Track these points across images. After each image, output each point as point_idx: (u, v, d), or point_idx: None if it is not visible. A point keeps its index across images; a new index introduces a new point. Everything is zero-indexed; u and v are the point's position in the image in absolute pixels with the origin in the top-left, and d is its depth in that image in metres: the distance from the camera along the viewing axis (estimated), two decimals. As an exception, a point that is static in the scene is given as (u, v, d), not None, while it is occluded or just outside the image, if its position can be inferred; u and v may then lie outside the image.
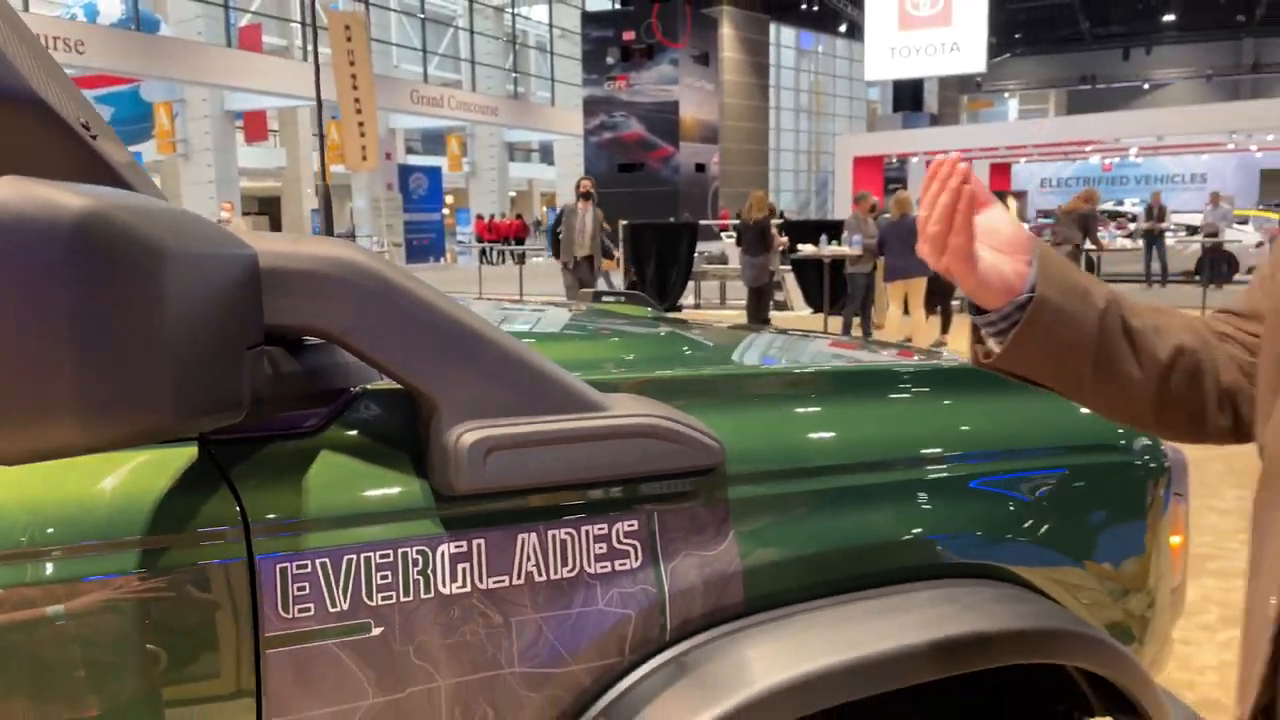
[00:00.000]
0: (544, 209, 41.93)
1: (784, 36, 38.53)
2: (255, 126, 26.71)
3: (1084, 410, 1.39)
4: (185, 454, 0.88)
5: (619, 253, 12.57)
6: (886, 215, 9.74)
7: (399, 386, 0.95)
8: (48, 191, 0.63)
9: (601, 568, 1.00)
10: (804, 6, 33.10)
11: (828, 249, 10.50)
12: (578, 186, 10.80)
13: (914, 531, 1.17)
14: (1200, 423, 0.84)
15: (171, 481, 0.86)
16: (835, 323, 10.47)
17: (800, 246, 11.09)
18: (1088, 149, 27.03)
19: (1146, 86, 43.76)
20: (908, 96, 34.30)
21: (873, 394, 1.31)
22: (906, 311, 9.46)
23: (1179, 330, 0.84)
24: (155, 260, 0.68)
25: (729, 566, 1.05)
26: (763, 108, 36.32)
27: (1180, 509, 1.44)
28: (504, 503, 0.96)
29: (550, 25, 35.26)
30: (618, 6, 31.04)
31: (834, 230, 11.22)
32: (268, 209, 31.17)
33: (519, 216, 33.02)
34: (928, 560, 1.18)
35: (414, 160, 31.88)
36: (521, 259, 17.71)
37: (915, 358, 1.63)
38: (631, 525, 1.01)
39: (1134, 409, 0.84)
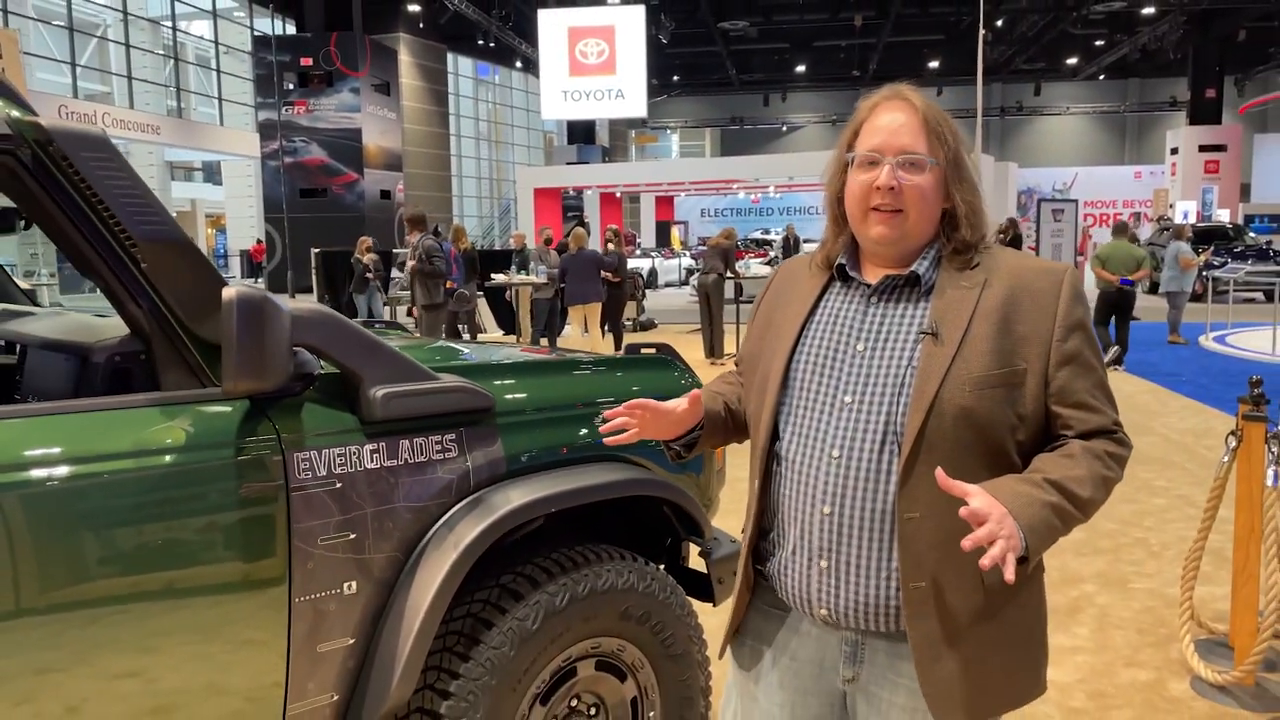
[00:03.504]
0: (211, 231, 39.83)
1: (462, 66, 39.69)
2: None
3: (672, 374, 2.65)
4: (245, 404, 1.84)
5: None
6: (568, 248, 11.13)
7: (338, 371, 1.96)
8: (247, 289, 1.62)
9: (438, 455, 2.07)
10: (480, 42, 34.42)
11: (517, 277, 11.75)
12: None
13: (581, 437, 2.34)
14: None
15: (243, 415, 1.83)
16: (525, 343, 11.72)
17: (492, 275, 12.27)
18: (734, 186, 30.66)
19: (784, 129, 49.74)
20: (581, 129, 36.70)
21: (557, 372, 2.47)
22: (587, 330, 10.90)
23: (730, 385, 1.72)
24: (278, 313, 1.68)
25: (499, 454, 2.16)
26: (444, 135, 37.22)
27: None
28: (395, 424, 2.00)
29: (215, 42, 33.85)
30: (292, 31, 30.62)
31: (521, 261, 12.51)
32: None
33: (189, 241, 31.31)
34: (593, 451, 2.35)
35: (62, 180, 29.19)
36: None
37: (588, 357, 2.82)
38: (452, 436, 2.09)
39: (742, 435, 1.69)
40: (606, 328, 11.65)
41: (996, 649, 1.42)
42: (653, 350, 2.77)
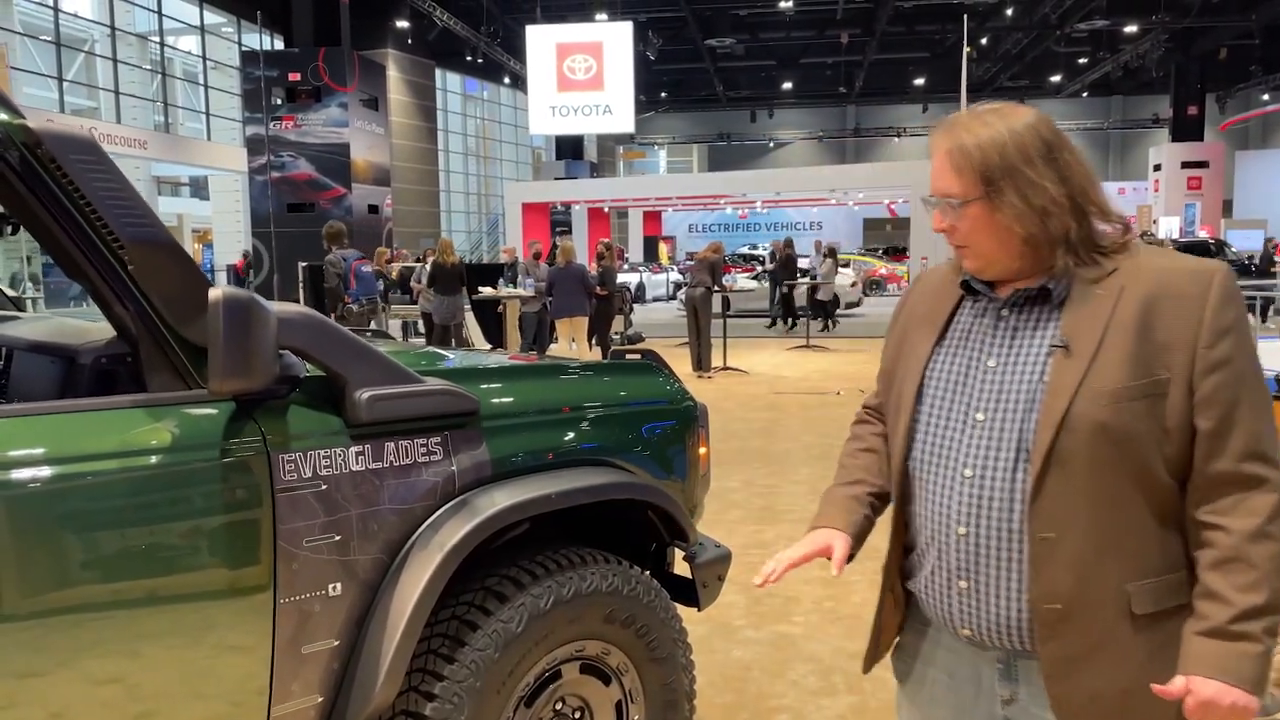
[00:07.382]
0: (198, 246, 39.65)
1: (450, 81, 39.79)
2: None
3: (657, 380, 2.67)
4: (230, 406, 1.85)
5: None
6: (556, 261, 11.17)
7: (324, 373, 1.97)
8: (234, 290, 1.63)
9: (424, 458, 2.08)
10: (469, 58, 34.55)
11: (505, 290, 11.79)
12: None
13: (566, 441, 2.36)
14: None
15: (229, 417, 1.84)
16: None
17: (480, 288, 12.29)
18: (721, 201, 30.78)
19: (771, 145, 49.98)
20: (569, 144, 36.83)
21: (543, 376, 2.49)
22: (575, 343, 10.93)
23: (872, 453, 1.63)
24: (265, 314, 1.69)
25: (483, 457, 2.17)
26: (432, 150, 37.27)
27: (703, 433, 2.75)
28: (380, 427, 2.01)
29: (203, 57, 33.87)
30: (280, 47, 30.66)
31: (511, 275, 12.56)
32: None
33: (176, 256, 31.21)
34: (577, 455, 2.36)
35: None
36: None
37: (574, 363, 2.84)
38: (438, 439, 2.10)
39: None
40: (594, 341, 11.68)
41: (1142, 672, 1.33)
42: (638, 356, 2.80)
